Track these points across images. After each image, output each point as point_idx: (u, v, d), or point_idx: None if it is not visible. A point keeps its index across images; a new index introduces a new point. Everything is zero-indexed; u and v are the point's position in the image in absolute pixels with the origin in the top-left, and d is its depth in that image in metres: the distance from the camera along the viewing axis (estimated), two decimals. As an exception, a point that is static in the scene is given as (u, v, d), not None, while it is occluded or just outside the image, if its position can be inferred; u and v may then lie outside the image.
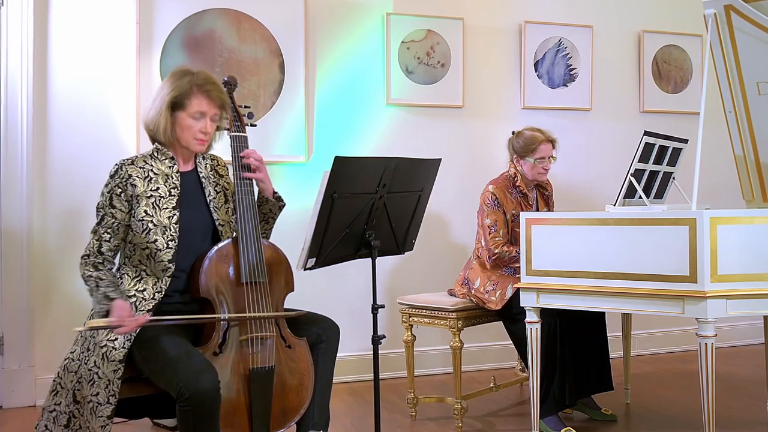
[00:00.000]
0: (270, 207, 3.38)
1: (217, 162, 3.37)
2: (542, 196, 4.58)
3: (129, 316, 2.84)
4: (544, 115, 5.77)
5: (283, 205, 3.45)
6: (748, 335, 6.36)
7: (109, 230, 3.01)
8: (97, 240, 3.01)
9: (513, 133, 4.53)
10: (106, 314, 2.87)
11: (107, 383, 2.87)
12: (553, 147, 4.46)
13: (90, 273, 2.97)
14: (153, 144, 3.19)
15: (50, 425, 2.99)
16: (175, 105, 3.08)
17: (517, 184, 4.41)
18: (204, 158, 3.30)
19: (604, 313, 4.30)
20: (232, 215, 3.31)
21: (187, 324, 3.06)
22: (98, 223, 3.02)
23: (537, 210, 4.51)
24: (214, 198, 3.24)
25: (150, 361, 2.86)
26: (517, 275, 4.23)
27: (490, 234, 4.29)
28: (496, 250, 4.26)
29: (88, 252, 3.02)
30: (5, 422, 4.38)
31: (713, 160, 5.69)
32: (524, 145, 4.41)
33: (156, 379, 2.87)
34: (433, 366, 5.48)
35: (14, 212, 4.65)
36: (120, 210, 3.00)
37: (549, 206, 4.62)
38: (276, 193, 3.40)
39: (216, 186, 3.28)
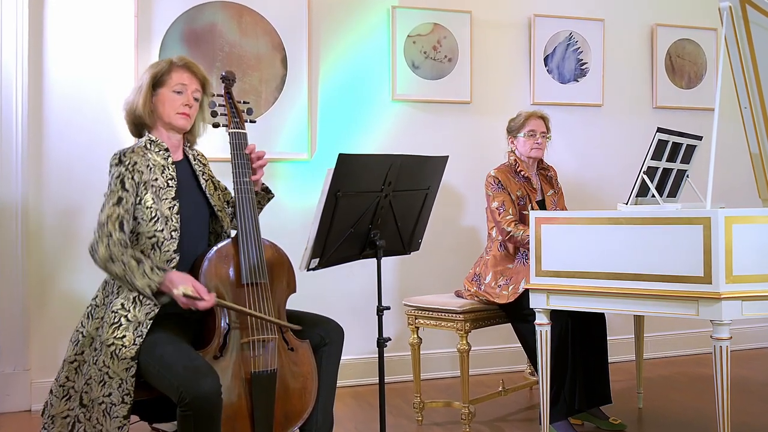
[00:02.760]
0: (259, 199, 3.43)
1: (197, 152, 3.40)
2: (545, 178, 4.62)
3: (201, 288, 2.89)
4: (554, 110, 5.73)
5: (272, 196, 3.51)
6: (765, 338, 6.35)
7: (128, 210, 2.96)
8: (116, 219, 2.92)
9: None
10: (157, 291, 2.88)
11: (120, 382, 2.85)
12: (546, 126, 4.57)
13: (120, 251, 2.88)
14: (136, 136, 3.24)
15: (65, 431, 2.97)
16: (156, 83, 3.16)
17: (519, 169, 4.47)
18: (191, 148, 3.34)
19: (605, 321, 4.30)
20: (224, 201, 3.37)
21: (186, 326, 3.07)
22: (115, 204, 2.94)
23: (542, 193, 4.53)
24: (206, 185, 3.28)
25: (150, 364, 2.85)
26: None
27: (500, 215, 4.31)
28: (509, 228, 4.27)
29: (108, 232, 2.90)
30: (0, 427, 4.38)
31: (728, 158, 5.68)
32: (515, 122, 4.58)
33: (156, 383, 2.86)
34: (439, 369, 5.49)
35: (9, 211, 4.66)
36: (131, 194, 2.99)
37: (554, 188, 4.64)
38: (264, 184, 3.45)
39: (203, 174, 3.32)
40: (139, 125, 3.21)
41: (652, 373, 5.51)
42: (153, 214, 3.01)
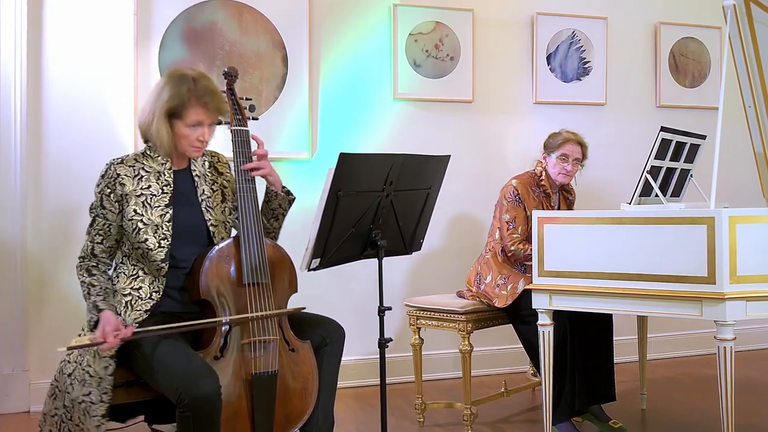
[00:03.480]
0: (279, 202, 3.36)
1: (218, 159, 3.36)
2: (565, 200, 4.58)
3: (114, 330, 2.82)
4: (557, 110, 5.77)
5: (293, 199, 3.43)
6: (769, 339, 6.35)
7: (100, 232, 3.04)
8: (90, 242, 3.06)
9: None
10: (95, 325, 2.89)
11: (99, 381, 2.88)
12: (583, 153, 4.46)
13: (83, 278, 3.02)
14: (145, 143, 3.19)
15: (54, 430, 3.02)
16: (172, 114, 3.06)
17: (542, 183, 4.43)
18: (202, 155, 3.30)
19: (611, 317, 4.30)
20: (230, 214, 3.31)
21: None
22: (90, 225, 3.06)
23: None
24: (209, 197, 3.22)
25: (148, 364, 2.86)
26: (528, 274, 4.24)
27: (507, 230, 4.30)
28: (512, 247, 4.27)
29: (83, 254, 3.07)
30: (-1, 428, 4.40)
31: (732, 157, 5.67)
32: (552, 141, 4.48)
33: (154, 383, 2.88)
34: (441, 370, 5.49)
35: (7, 211, 4.66)
36: (111, 211, 3.02)
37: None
38: (285, 187, 3.38)
39: (213, 184, 3.27)
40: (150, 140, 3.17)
41: (656, 374, 5.51)
42: (134, 226, 3.01)
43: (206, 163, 3.30)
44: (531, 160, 4.58)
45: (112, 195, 3.02)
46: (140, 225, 3.01)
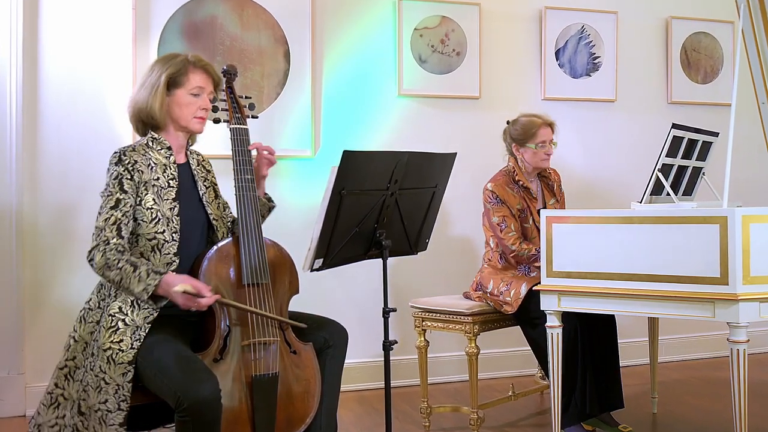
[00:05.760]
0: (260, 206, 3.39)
1: (202, 158, 3.42)
2: (547, 186, 4.60)
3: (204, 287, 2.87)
4: (566, 106, 5.75)
5: (273, 206, 3.49)
6: (784, 341, 6.34)
7: (127, 213, 2.98)
8: (114, 224, 2.94)
9: (508, 122, 4.60)
10: (152, 297, 2.88)
11: (116, 388, 2.85)
12: (552, 131, 4.51)
13: (116, 257, 2.89)
14: (142, 134, 3.22)
15: None
16: (172, 83, 3.14)
17: (517, 178, 4.44)
18: (191, 153, 3.34)
19: (614, 323, 4.29)
20: (224, 210, 3.37)
21: (185, 328, 3.07)
22: (113, 207, 2.95)
23: (543, 202, 4.53)
24: (204, 193, 3.27)
25: (146, 367, 2.85)
26: (531, 274, 4.24)
27: (501, 231, 4.31)
28: (513, 247, 4.27)
29: (105, 238, 2.92)
30: (-5, 432, 4.40)
31: (745, 155, 5.66)
32: (522, 132, 4.50)
33: (153, 387, 2.87)
34: (447, 373, 5.49)
35: (3, 209, 4.67)
36: (131, 195, 3.00)
37: (556, 197, 4.62)
38: (266, 194, 3.45)
39: (204, 181, 3.32)
40: (148, 125, 3.19)
41: (667, 377, 5.51)
42: (154, 215, 3.02)
43: (195, 161, 3.33)
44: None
45: (131, 180, 3.01)
46: (159, 215, 3.02)
